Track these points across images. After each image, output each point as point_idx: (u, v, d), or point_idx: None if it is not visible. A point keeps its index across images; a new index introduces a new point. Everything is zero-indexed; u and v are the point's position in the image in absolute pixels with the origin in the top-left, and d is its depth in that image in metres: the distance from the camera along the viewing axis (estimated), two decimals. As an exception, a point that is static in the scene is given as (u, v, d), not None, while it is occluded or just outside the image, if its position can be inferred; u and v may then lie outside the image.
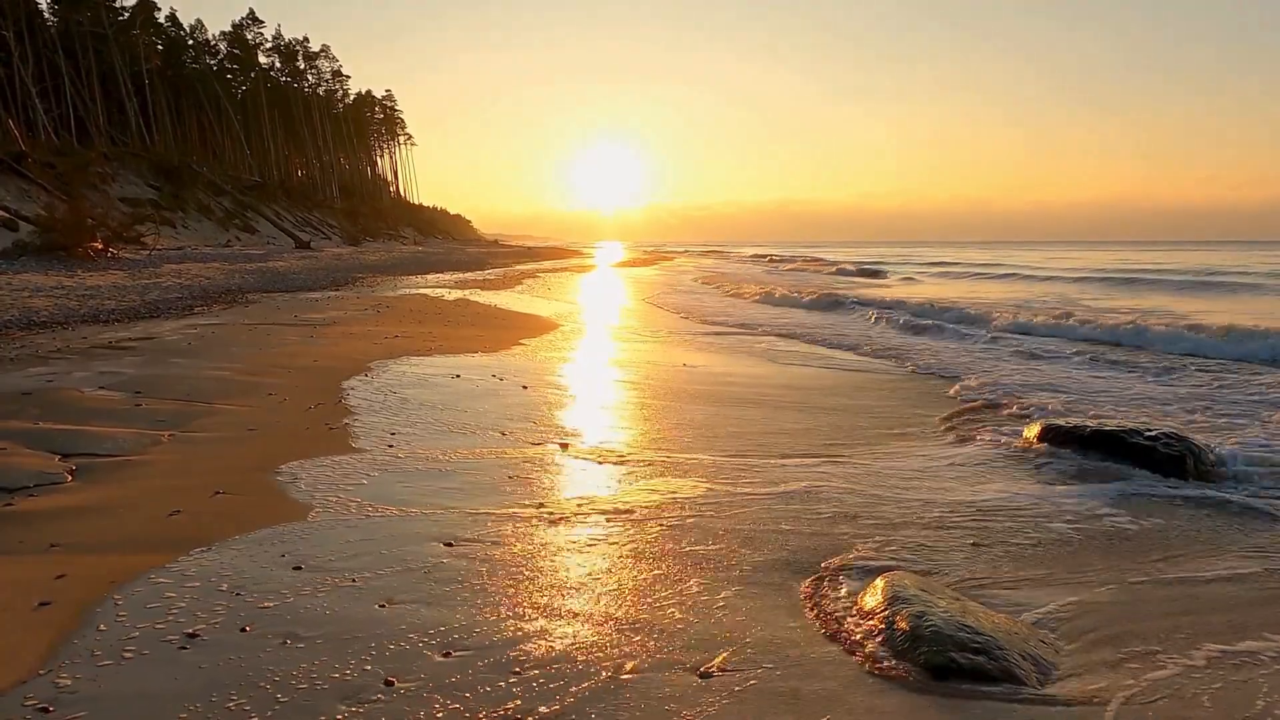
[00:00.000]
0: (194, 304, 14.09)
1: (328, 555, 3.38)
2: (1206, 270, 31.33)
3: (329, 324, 11.67)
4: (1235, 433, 5.86)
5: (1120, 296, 21.78)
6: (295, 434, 5.38)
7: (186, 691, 2.34)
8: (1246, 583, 3.37)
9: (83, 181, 31.50)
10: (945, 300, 18.24)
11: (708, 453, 5.21)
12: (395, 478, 4.49)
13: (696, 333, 13.19)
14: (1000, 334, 12.65)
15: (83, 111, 49.55)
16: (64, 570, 3.13)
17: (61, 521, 3.65)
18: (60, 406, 5.68)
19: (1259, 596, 3.24)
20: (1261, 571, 3.49)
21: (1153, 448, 4.85)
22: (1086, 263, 42.82)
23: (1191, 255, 55.86)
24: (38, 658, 2.50)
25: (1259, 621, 3.00)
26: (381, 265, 32.68)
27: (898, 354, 10.48)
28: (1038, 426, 5.43)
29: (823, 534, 3.80)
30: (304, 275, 23.49)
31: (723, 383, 8.15)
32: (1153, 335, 11.40)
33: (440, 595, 3.03)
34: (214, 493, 4.12)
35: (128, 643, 2.60)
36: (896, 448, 5.48)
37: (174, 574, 3.13)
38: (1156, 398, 7.47)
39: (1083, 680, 2.59)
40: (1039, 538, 3.83)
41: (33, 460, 4.49)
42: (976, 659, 2.57)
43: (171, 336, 9.62)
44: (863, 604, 2.99)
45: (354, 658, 2.55)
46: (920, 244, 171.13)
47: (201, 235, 39.47)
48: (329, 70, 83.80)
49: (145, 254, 24.92)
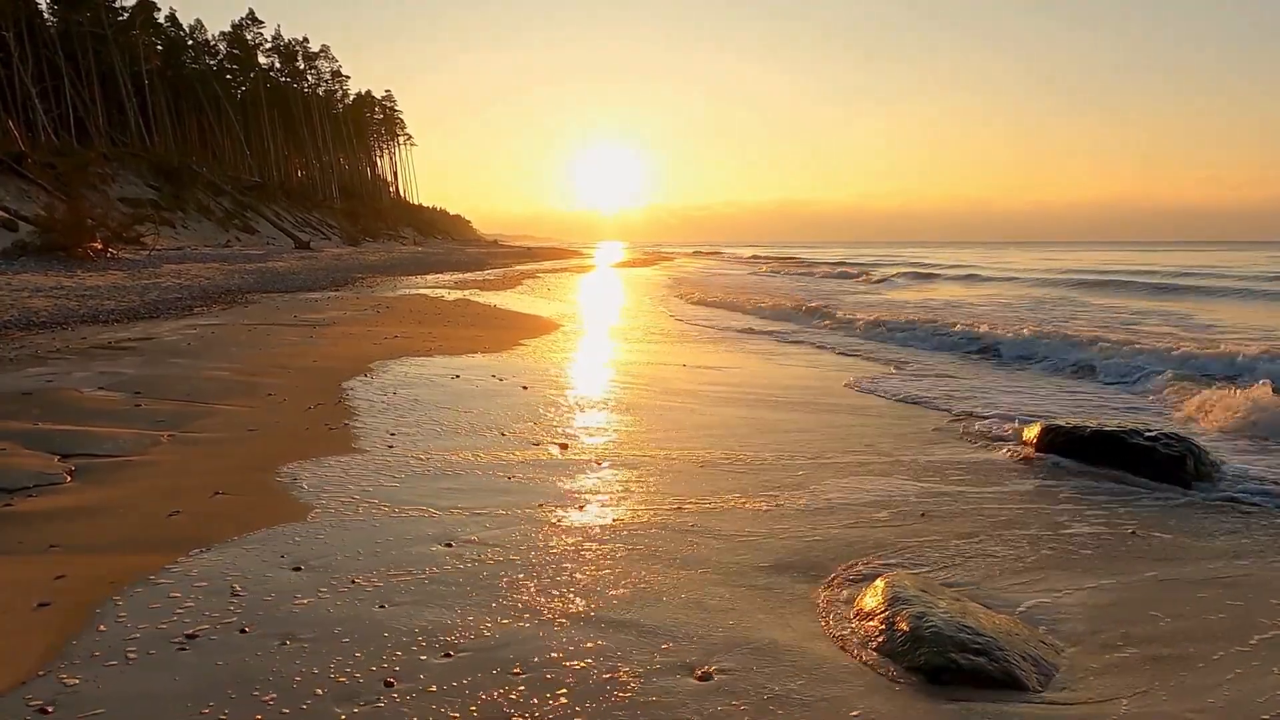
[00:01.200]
0: (193, 304, 14.09)
1: (327, 556, 3.37)
2: (1181, 272, 30.94)
3: (329, 324, 11.67)
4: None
5: (1088, 297, 21.60)
6: (295, 434, 5.38)
7: (186, 692, 2.33)
8: (1249, 583, 3.37)
9: (82, 182, 31.50)
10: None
11: (706, 453, 5.21)
12: (395, 478, 4.49)
13: (694, 333, 13.18)
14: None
15: (82, 112, 49.54)
16: (63, 571, 3.13)
17: (61, 522, 3.65)
18: (59, 407, 5.68)
19: (1262, 597, 3.23)
20: (1263, 572, 3.48)
21: (1153, 448, 4.84)
22: (1076, 263, 42.73)
23: (1180, 256, 55.69)
24: (37, 659, 2.49)
25: (1263, 622, 2.99)
26: (381, 265, 32.68)
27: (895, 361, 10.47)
28: (1037, 427, 5.43)
29: (821, 536, 3.80)
30: (304, 275, 23.48)
31: (719, 383, 8.15)
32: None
33: (440, 596, 3.03)
34: (213, 493, 4.11)
35: (127, 643, 2.59)
36: (893, 449, 5.47)
37: (173, 575, 3.13)
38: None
39: (1085, 682, 2.58)
40: (1038, 537, 3.83)
41: (32, 461, 4.49)
42: (977, 660, 2.57)
43: (171, 337, 9.62)
44: (863, 605, 2.99)
45: (353, 659, 2.54)
46: (918, 244, 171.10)
47: (201, 235, 39.47)
48: (328, 70, 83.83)
49: (145, 254, 24.91)
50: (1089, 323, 14.03)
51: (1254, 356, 8.90)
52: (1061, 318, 15.31)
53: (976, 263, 46.69)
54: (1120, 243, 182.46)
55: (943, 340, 11.74)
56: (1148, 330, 12.96)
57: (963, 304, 19.86)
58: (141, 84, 54.97)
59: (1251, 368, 8.55)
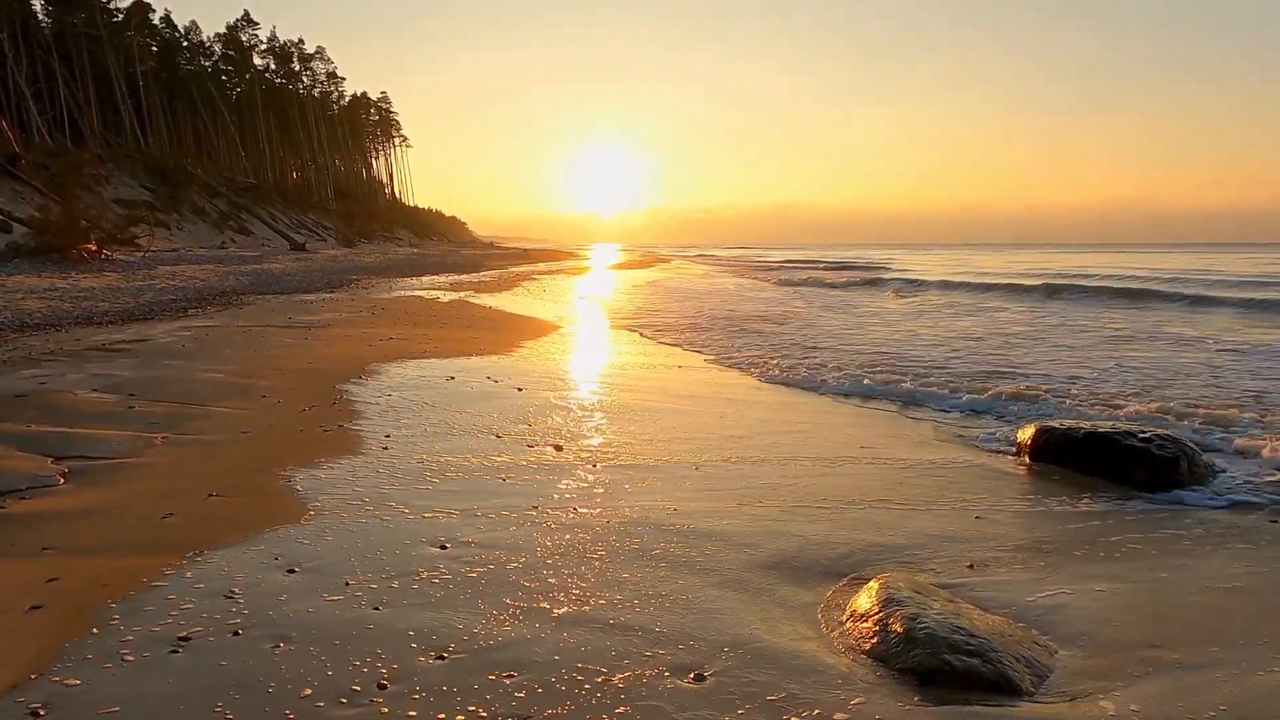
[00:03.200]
0: (188, 306, 14.06)
1: (322, 558, 3.37)
2: (1149, 276, 30.00)
3: (324, 326, 11.66)
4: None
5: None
6: (290, 436, 5.37)
7: (179, 695, 2.33)
8: (1245, 585, 3.38)
9: (77, 183, 31.43)
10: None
11: (701, 454, 5.21)
12: (390, 480, 4.48)
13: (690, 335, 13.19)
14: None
15: (77, 113, 49.44)
16: (56, 574, 3.12)
17: (54, 524, 3.64)
18: (53, 409, 5.66)
19: (1259, 599, 3.25)
20: (1261, 573, 3.49)
21: (1146, 449, 4.86)
22: (1065, 265, 42.44)
23: (1167, 259, 55.44)
24: (31, 661, 2.49)
25: (1260, 624, 3.00)
26: (376, 267, 32.65)
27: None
28: (1031, 429, 5.44)
29: (816, 538, 3.80)
30: (299, 277, 23.46)
31: (713, 384, 8.15)
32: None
33: (434, 598, 3.02)
34: (208, 495, 4.11)
35: (121, 646, 2.59)
36: (889, 451, 5.49)
37: (167, 577, 3.12)
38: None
39: (1079, 684, 2.59)
40: (1031, 539, 3.83)
41: (25, 463, 4.48)
42: (971, 662, 2.57)
43: (165, 338, 9.60)
44: (857, 606, 2.99)
45: (347, 661, 2.54)
46: (913, 247, 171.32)
47: (196, 237, 39.40)
48: (324, 72, 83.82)
49: (139, 256, 24.85)
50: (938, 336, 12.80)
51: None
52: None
53: (937, 264, 46.53)
54: (1116, 246, 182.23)
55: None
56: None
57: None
58: (136, 85, 54.90)
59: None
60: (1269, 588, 3.35)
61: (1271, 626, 2.98)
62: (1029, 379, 8.32)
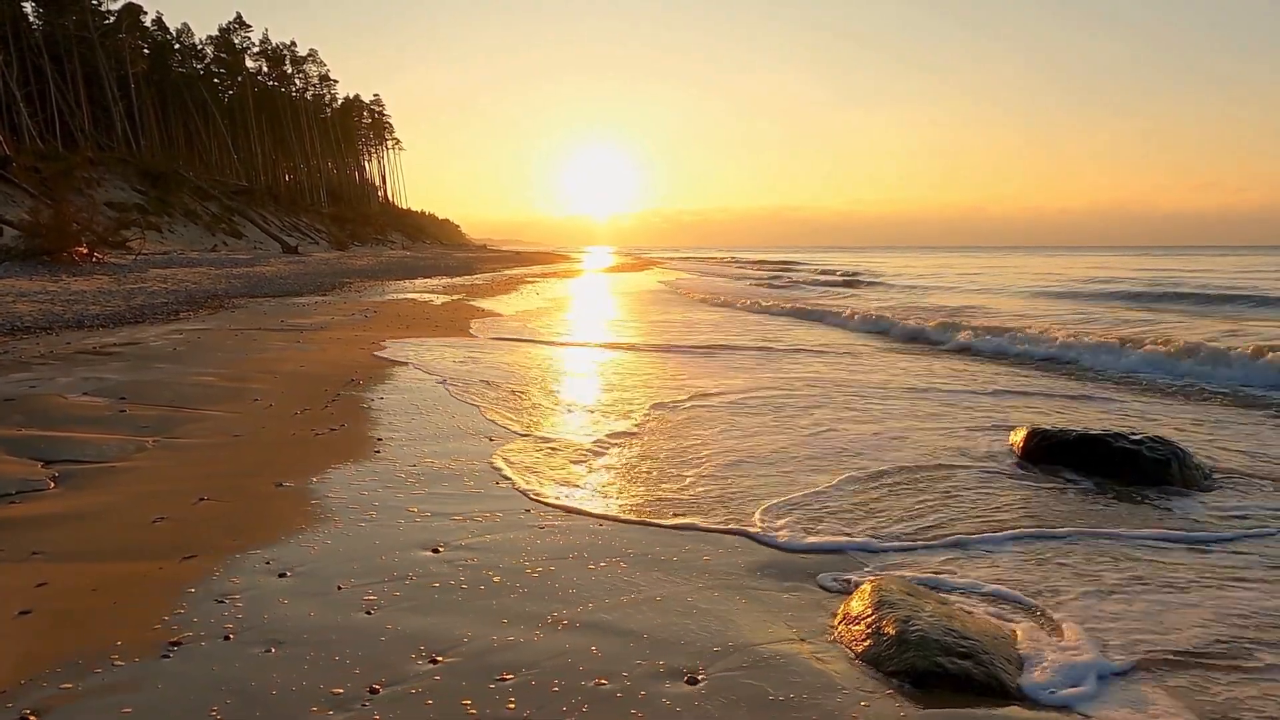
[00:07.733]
0: (180, 309, 14.01)
1: (313, 562, 3.35)
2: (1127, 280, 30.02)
3: (316, 329, 11.63)
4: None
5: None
6: (282, 440, 5.35)
7: (168, 700, 2.31)
8: (1243, 585, 3.39)
9: (68, 186, 31.30)
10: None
11: (696, 454, 5.21)
12: (381, 483, 4.47)
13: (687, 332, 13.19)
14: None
15: (68, 116, 49.26)
16: (45, 578, 3.10)
17: (43, 529, 3.61)
18: (43, 412, 5.63)
19: (1255, 601, 3.26)
20: (1258, 573, 3.51)
21: (1138, 452, 4.88)
22: (1056, 268, 42.56)
23: (1158, 261, 55.63)
24: (19, 666, 2.47)
25: (1258, 626, 3.01)
26: (369, 270, 32.59)
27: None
28: (1023, 432, 5.45)
29: (812, 538, 3.80)
30: (291, 280, 23.40)
31: (709, 383, 8.15)
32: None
33: (427, 602, 3.01)
34: (198, 499, 4.09)
35: (110, 651, 2.57)
36: (885, 452, 5.49)
37: (158, 581, 3.11)
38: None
39: (1072, 686, 2.59)
40: (1025, 541, 3.84)
41: (14, 467, 4.45)
42: (963, 664, 2.58)
43: (156, 342, 9.56)
44: (849, 609, 2.99)
45: (338, 665, 2.53)
46: (907, 250, 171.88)
47: (188, 240, 39.28)
48: (317, 74, 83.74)
49: (131, 259, 24.76)
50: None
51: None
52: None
53: (907, 267, 46.83)
54: (1114, 248, 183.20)
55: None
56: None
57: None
58: (128, 88, 54.71)
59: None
60: (1270, 589, 3.36)
61: (1272, 629, 2.99)
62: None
